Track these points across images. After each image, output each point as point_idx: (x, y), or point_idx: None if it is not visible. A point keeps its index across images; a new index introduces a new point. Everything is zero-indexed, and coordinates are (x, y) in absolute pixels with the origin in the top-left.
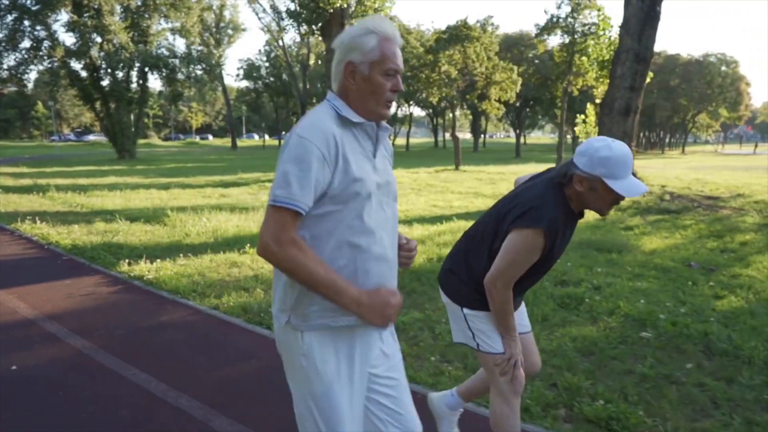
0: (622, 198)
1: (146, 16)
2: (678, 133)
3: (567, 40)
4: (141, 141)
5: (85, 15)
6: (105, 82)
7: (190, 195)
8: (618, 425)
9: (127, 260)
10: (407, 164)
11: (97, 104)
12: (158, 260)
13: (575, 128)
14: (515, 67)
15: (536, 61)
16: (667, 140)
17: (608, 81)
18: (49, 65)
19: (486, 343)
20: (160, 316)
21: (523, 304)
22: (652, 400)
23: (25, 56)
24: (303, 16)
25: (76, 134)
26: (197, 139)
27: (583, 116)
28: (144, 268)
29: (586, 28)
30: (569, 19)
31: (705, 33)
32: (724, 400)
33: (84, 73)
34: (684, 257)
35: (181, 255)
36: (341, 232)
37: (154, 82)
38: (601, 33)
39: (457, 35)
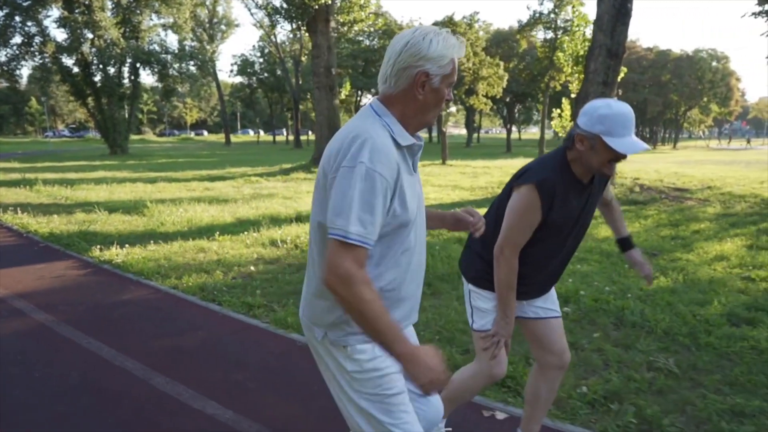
0: (623, 156)
1: (137, 12)
2: (671, 129)
3: (549, 36)
4: (135, 137)
5: (76, 11)
6: (97, 78)
7: (175, 188)
8: (513, 383)
9: (99, 246)
10: None
11: (89, 100)
12: (129, 246)
13: (552, 122)
14: (501, 63)
15: (527, 57)
16: (660, 136)
17: (583, 76)
18: (40, 61)
19: (480, 321)
20: (122, 295)
21: (553, 289)
22: None
23: (17, 52)
24: (288, 12)
25: (70, 130)
26: (192, 135)
27: (559, 110)
28: (114, 253)
29: (568, 24)
30: (551, 15)
31: (697, 29)
32: (615, 362)
33: (76, 69)
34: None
35: (152, 242)
36: (392, 253)
37: (148, 78)
38: (576, 29)
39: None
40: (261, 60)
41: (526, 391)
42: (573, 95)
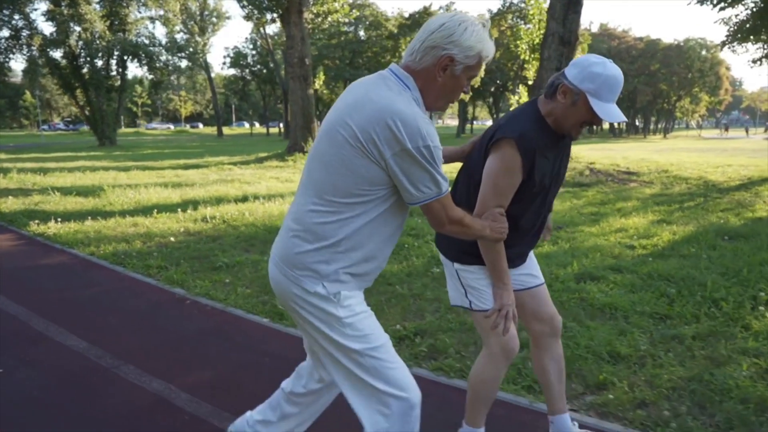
0: (599, 122)
1: (124, 4)
2: (664, 119)
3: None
4: (129, 130)
5: (62, 4)
6: (84, 71)
7: (146, 175)
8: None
9: (37, 222)
10: None
11: (78, 92)
12: (67, 222)
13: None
14: None
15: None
16: (651, 126)
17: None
18: (28, 54)
19: (479, 300)
20: (42, 260)
21: (532, 255)
22: (387, 308)
23: (5, 45)
24: (260, 3)
25: (65, 123)
26: (187, 127)
27: (517, 97)
28: (48, 227)
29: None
30: (522, 5)
31: (695, 19)
32: (445, 309)
33: (64, 62)
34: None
35: (90, 218)
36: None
37: (140, 71)
38: (531, 18)
39: (419, 21)
40: (254, 52)
41: (537, 374)
42: (530, 82)
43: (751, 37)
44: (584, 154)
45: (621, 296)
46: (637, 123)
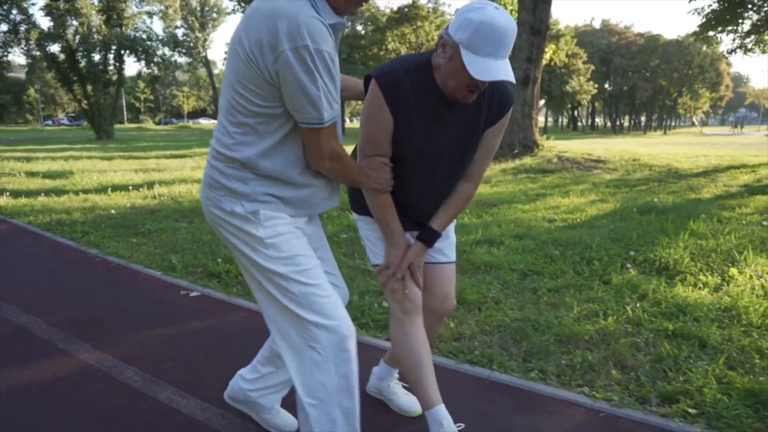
0: (482, 84)
1: None
2: (665, 115)
3: None
4: (132, 125)
5: None
6: (82, 65)
7: (126, 164)
8: (226, 276)
9: None
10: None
11: (76, 86)
12: (20, 198)
13: None
14: None
15: None
16: (653, 122)
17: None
18: (26, 48)
19: (373, 254)
20: None
21: (451, 233)
22: None
23: (3, 39)
24: None
25: (69, 119)
26: (189, 123)
27: None
28: None
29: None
30: None
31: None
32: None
33: (62, 56)
34: (487, 198)
35: (43, 195)
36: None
37: (139, 66)
38: (504, 7)
39: (407, 15)
40: None
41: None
42: None
43: (719, 27)
44: (564, 146)
45: (504, 257)
46: (636, 120)
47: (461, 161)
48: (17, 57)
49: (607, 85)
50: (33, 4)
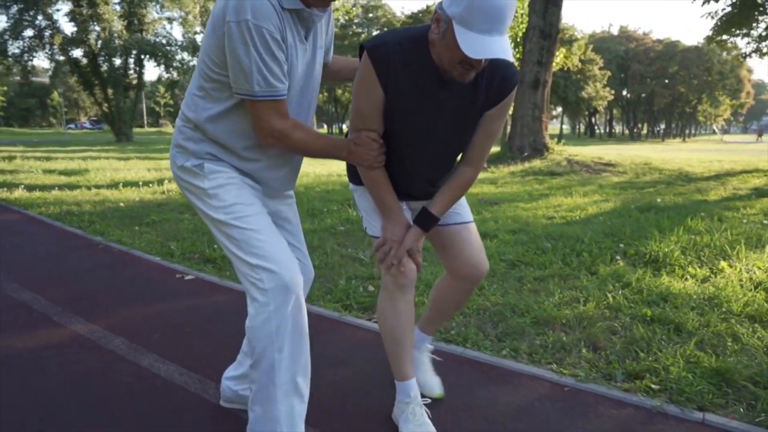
0: (476, 62)
1: (142, 5)
2: (685, 123)
3: None
4: (152, 129)
5: (82, 5)
6: (103, 69)
7: (142, 164)
8: (221, 261)
9: (5, 189)
10: None
11: (97, 90)
12: (35, 191)
13: None
14: None
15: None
16: (672, 130)
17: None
18: (49, 53)
19: (370, 226)
20: None
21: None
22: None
23: (29, 44)
24: None
25: (91, 122)
26: None
27: None
28: (13, 194)
29: None
30: None
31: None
32: (336, 253)
33: (84, 61)
34: (489, 197)
35: (57, 189)
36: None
37: (155, 71)
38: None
39: (421, 20)
40: None
41: (433, 291)
42: None
43: (733, 30)
44: (576, 150)
45: (495, 248)
46: (655, 128)
47: (458, 143)
48: (42, 61)
49: (624, 92)
50: (58, 10)
